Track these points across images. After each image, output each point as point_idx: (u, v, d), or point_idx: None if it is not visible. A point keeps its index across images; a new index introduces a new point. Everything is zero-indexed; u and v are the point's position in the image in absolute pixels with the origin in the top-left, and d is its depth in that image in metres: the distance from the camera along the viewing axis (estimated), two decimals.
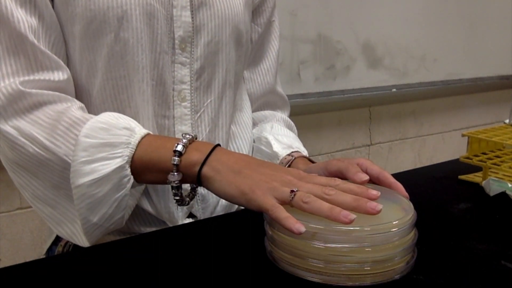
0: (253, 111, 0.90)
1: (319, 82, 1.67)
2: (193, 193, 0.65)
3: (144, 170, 0.61)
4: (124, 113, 0.67)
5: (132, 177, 0.61)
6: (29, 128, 0.61)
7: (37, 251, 1.35)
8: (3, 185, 1.25)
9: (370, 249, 0.49)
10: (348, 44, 1.72)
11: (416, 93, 1.98)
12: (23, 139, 0.61)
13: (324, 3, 1.63)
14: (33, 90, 0.62)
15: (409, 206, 0.55)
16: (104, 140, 0.60)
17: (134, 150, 0.61)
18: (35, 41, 0.63)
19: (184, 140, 0.60)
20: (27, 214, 1.31)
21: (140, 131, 0.62)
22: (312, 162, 0.76)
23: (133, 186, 0.62)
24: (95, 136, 0.60)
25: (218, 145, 0.61)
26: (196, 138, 0.62)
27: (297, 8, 1.56)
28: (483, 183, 0.79)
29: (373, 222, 0.49)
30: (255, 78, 0.89)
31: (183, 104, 0.73)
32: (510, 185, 0.76)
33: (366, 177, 0.58)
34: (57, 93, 0.64)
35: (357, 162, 0.61)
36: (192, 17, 0.71)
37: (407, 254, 0.52)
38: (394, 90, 1.88)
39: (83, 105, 0.67)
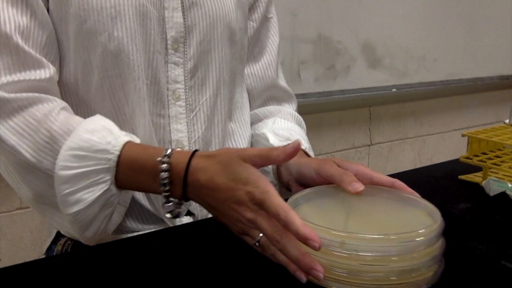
0: (257, 107, 0.90)
1: (319, 82, 1.67)
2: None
3: (132, 189, 0.64)
4: (122, 111, 0.69)
5: (119, 192, 0.62)
6: (11, 139, 0.61)
7: (37, 251, 1.35)
8: (3, 185, 1.25)
9: (396, 258, 0.46)
10: (348, 44, 1.71)
11: (416, 93, 1.98)
12: (8, 148, 0.61)
13: (324, 3, 1.63)
14: (12, 95, 0.62)
15: (436, 212, 0.52)
16: (82, 169, 0.60)
17: (115, 172, 0.61)
18: (20, 41, 0.63)
19: (164, 174, 0.58)
20: (27, 214, 1.31)
21: (115, 148, 0.61)
22: (305, 152, 0.76)
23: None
24: (71, 167, 0.59)
25: (188, 166, 0.58)
26: (169, 157, 0.60)
27: (297, 8, 1.56)
28: (483, 183, 0.79)
29: (399, 230, 0.47)
30: (255, 73, 0.88)
31: (177, 103, 0.74)
32: (510, 185, 0.76)
33: (362, 187, 0.56)
34: (36, 94, 0.63)
35: (355, 170, 0.60)
36: (184, 18, 0.72)
37: (435, 263, 0.49)
38: (394, 90, 1.88)
39: (64, 104, 0.66)
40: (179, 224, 0.74)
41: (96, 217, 0.61)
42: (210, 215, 0.78)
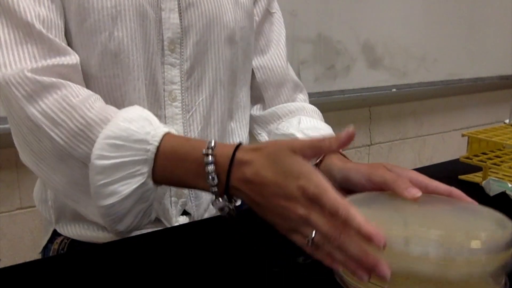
0: (269, 98, 0.87)
1: (319, 82, 1.67)
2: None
3: (169, 184, 0.60)
4: None
5: (155, 187, 0.60)
6: (44, 124, 0.59)
7: (37, 251, 1.34)
8: (3, 185, 1.25)
9: (463, 260, 0.43)
10: (348, 44, 1.72)
11: (416, 93, 1.98)
12: (40, 134, 0.60)
13: (324, 3, 1.63)
14: (45, 78, 0.60)
15: (505, 220, 0.48)
16: (119, 159, 0.57)
17: (153, 164, 0.58)
18: (43, 29, 0.62)
19: (210, 167, 0.55)
20: (27, 214, 1.31)
21: (154, 139, 0.58)
22: (345, 157, 0.71)
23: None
24: (107, 156, 0.57)
25: (233, 158, 0.55)
26: (213, 149, 0.56)
27: (297, 8, 1.56)
28: (483, 183, 0.79)
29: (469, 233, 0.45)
30: (265, 65, 0.87)
31: (174, 104, 0.74)
32: (510, 185, 0.76)
33: (419, 193, 0.52)
34: (67, 82, 0.62)
35: (409, 177, 0.56)
36: (181, 19, 0.72)
37: (502, 273, 0.46)
38: (394, 90, 1.88)
39: (98, 95, 0.64)
40: (176, 224, 0.74)
41: (130, 211, 0.59)
42: (206, 215, 0.78)
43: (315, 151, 0.53)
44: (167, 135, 0.59)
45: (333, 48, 1.68)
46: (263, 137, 0.87)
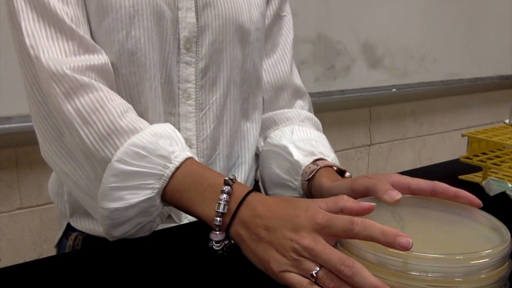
0: (268, 102, 0.87)
1: (319, 82, 1.67)
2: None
3: (176, 205, 0.61)
4: (133, 108, 0.67)
5: (161, 205, 0.61)
6: (76, 122, 0.60)
7: (37, 251, 1.35)
8: (3, 185, 1.26)
9: (461, 280, 0.43)
10: (348, 44, 1.72)
11: (416, 93, 1.98)
12: (71, 129, 0.61)
13: (324, 3, 1.63)
14: (85, 78, 0.62)
15: (501, 227, 0.49)
16: (138, 168, 0.58)
17: (166, 183, 0.59)
18: (73, 26, 0.64)
19: (224, 196, 0.55)
20: (27, 214, 1.31)
21: (176, 160, 0.59)
22: (339, 170, 0.73)
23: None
24: (128, 162, 0.58)
25: (249, 193, 0.56)
26: (233, 180, 0.57)
27: (297, 8, 1.56)
28: (483, 183, 0.79)
29: (465, 249, 0.45)
30: (268, 68, 0.87)
31: (188, 102, 0.74)
32: (510, 185, 0.76)
33: (399, 195, 0.53)
34: (104, 86, 0.64)
35: (391, 180, 0.57)
36: (197, 18, 0.73)
37: (501, 285, 0.46)
38: (394, 90, 1.88)
39: (131, 106, 0.65)
40: (186, 222, 0.75)
41: (130, 220, 0.60)
42: None
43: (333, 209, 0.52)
44: (190, 159, 0.61)
45: (333, 48, 1.68)
46: (260, 143, 0.86)
